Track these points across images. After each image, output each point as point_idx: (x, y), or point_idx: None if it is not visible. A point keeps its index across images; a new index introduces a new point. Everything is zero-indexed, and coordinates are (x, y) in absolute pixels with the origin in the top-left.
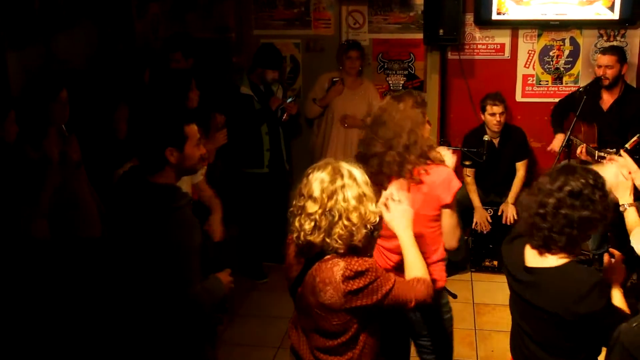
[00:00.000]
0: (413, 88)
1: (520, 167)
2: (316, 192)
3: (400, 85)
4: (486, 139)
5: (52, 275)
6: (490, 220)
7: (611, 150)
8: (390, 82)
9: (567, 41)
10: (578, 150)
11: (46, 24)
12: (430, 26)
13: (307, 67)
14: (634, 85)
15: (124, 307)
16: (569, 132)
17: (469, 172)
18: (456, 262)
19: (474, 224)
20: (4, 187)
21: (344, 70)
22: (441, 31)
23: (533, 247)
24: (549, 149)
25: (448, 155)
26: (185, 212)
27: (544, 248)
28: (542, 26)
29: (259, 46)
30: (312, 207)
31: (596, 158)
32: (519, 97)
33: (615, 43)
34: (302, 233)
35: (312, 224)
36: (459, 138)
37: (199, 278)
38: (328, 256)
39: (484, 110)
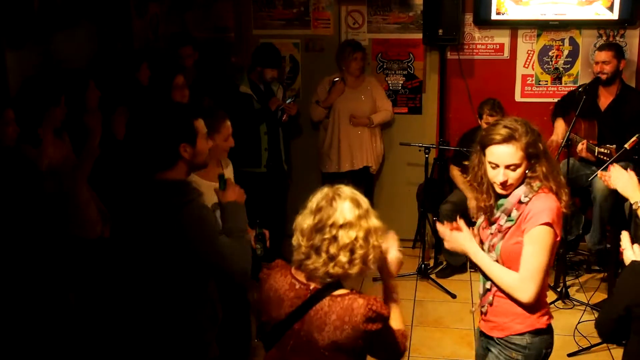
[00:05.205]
0: (412, 88)
1: None
2: (350, 217)
3: (400, 85)
4: None
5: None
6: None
7: (611, 147)
8: (389, 82)
9: (567, 41)
10: (578, 147)
11: (45, 23)
12: (430, 26)
13: (306, 67)
14: (634, 85)
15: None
16: (568, 131)
17: (459, 170)
18: (456, 267)
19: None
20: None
21: (347, 71)
22: (440, 31)
23: None
24: (550, 139)
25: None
26: (197, 205)
27: None
28: (542, 26)
29: (258, 45)
30: (348, 235)
31: (596, 154)
32: (518, 97)
33: None
34: (333, 267)
35: (349, 254)
36: (458, 138)
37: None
38: (342, 291)
39: (480, 116)
